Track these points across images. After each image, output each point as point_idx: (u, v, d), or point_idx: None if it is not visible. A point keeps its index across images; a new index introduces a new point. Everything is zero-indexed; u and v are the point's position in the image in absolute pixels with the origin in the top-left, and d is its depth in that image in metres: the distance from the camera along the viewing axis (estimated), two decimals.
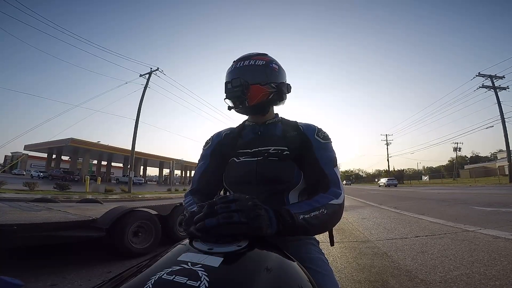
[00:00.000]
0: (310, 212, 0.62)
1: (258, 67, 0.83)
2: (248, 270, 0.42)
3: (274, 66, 0.86)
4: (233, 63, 0.87)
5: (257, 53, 0.89)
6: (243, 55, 0.89)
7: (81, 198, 7.68)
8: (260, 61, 0.84)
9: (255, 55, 0.87)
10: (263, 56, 0.88)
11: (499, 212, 5.22)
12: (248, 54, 0.89)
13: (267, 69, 0.84)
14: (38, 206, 3.79)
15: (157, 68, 19.32)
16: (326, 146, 0.82)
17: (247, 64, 0.83)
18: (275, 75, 0.86)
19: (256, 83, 0.82)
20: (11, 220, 2.25)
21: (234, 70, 0.84)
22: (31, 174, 35.09)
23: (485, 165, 49.85)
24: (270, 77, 0.85)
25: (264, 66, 0.84)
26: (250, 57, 0.86)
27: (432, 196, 10.80)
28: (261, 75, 0.83)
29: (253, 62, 0.84)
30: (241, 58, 0.87)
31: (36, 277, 2.19)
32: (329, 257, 2.42)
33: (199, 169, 0.89)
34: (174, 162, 23.83)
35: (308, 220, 0.60)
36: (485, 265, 2.26)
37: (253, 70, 0.83)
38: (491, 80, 22.63)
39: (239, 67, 0.84)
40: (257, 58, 0.85)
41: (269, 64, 0.85)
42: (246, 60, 0.84)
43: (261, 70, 0.83)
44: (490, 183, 22.12)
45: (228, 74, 0.86)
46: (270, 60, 0.87)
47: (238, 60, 0.86)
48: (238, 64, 0.84)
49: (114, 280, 0.44)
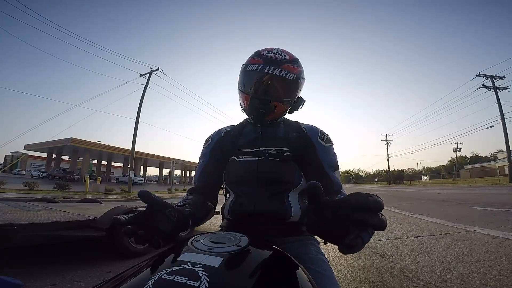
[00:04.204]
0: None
1: (288, 81, 0.76)
2: (248, 270, 0.42)
3: (301, 82, 0.81)
4: (261, 60, 0.77)
5: (289, 60, 0.78)
6: (273, 52, 0.78)
7: (81, 198, 7.67)
8: (292, 74, 0.76)
9: (287, 62, 0.77)
10: (295, 64, 0.79)
11: (499, 212, 5.21)
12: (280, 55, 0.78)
13: (294, 85, 0.79)
14: (38, 205, 3.78)
15: (157, 68, 19.29)
16: (329, 149, 0.82)
17: (277, 75, 0.75)
18: (298, 91, 0.82)
19: (279, 101, 0.78)
20: (11, 220, 2.25)
21: (262, 76, 0.76)
22: (31, 174, 35.11)
23: (485, 165, 49.83)
24: (293, 94, 0.81)
25: (294, 82, 0.77)
26: (282, 63, 0.77)
27: (432, 196, 10.79)
28: (287, 92, 0.79)
29: (285, 74, 0.75)
30: (271, 59, 0.76)
31: (36, 277, 2.18)
32: (329, 257, 2.42)
33: (199, 168, 0.88)
34: (174, 162, 23.79)
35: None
36: (485, 265, 2.26)
37: (282, 84, 0.77)
38: (491, 80, 22.60)
39: (269, 75, 0.76)
40: (290, 68, 0.76)
41: (298, 80, 0.79)
42: (277, 67, 0.75)
43: (289, 85, 0.78)
44: (490, 183, 22.10)
45: (252, 74, 0.78)
46: (300, 72, 0.80)
47: (268, 61, 0.76)
48: (269, 69, 0.75)
49: (114, 280, 0.44)
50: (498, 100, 22.20)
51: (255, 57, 0.80)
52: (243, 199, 0.79)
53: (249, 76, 0.80)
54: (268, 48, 0.81)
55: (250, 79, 0.80)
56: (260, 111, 0.77)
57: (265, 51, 0.80)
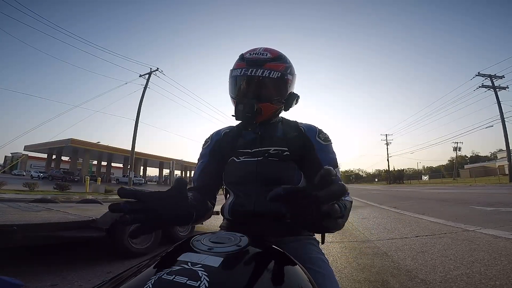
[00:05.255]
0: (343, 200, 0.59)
1: (272, 80, 0.75)
2: (248, 270, 0.42)
3: (289, 78, 0.79)
4: (244, 63, 0.77)
5: (272, 58, 0.77)
6: (255, 52, 0.78)
7: (81, 198, 7.68)
8: (276, 72, 0.74)
9: (269, 60, 0.76)
10: (279, 61, 0.77)
11: (499, 212, 5.22)
12: (262, 55, 0.76)
13: (281, 83, 0.77)
14: (38, 206, 3.79)
15: (157, 69, 19.35)
16: (327, 147, 0.81)
17: (260, 75, 0.74)
18: (287, 87, 0.80)
19: (267, 101, 0.77)
20: (11, 221, 2.25)
21: (246, 80, 0.77)
22: (31, 175, 35.04)
23: (485, 164, 49.94)
24: (283, 91, 0.79)
25: (279, 79, 0.76)
26: (265, 62, 0.75)
27: (432, 196, 10.80)
28: (275, 90, 0.77)
29: (268, 74, 0.74)
30: (253, 60, 0.76)
31: (36, 277, 2.18)
32: (329, 257, 2.43)
33: (198, 168, 0.88)
34: (174, 162, 23.76)
35: (346, 205, 0.59)
36: (486, 265, 2.26)
37: (266, 85, 0.76)
38: (490, 80, 22.63)
39: (252, 78, 0.75)
40: (273, 66, 0.75)
41: (284, 76, 0.77)
42: (260, 68, 0.74)
43: (275, 84, 0.77)
44: (490, 183, 22.11)
45: (237, 79, 0.78)
46: (286, 68, 0.78)
47: (250, 63, 0.76)
48: (251, 72, 0.74)
49: (114, 280, 0.44)
50: (498, 99, 22.24)
51: (240, 61, 0.79)
52: (243, 199, 0.79)
53: (235, 81, 0.80)
54: (251, 50, 0.80)
55: (236, 84, 0.80)
56: (246, 115, 0.76)
57: (247, 53, 0.79)
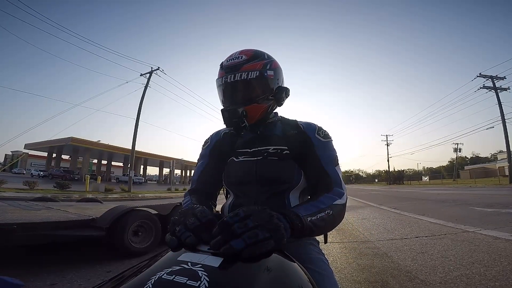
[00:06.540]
0: (317, 214, 0.60)
1: (252, 81, 0.74)
2: (248, 270, 0.42)
3: (270, 74, 0.77)
4: (223, 71, 0.77)
5: (247, 59, 0.76)
6: (231, 58, 0.78)
7: (81, 197, 7.68)
8: (253, 71, 0.74)
9: (245, 62, 0.75)
10: (255, 60, 0.76)
11: (499, 213, 5.21)
12: (237, 59, 0.76)
13: (262, 81, 0.76)
14: (38, 205, 3.79)
15: (158, 68, 19.32)
16: (327, 144, 0.80)
17: (239, 79, 0.73)
18: (271, 83, 0.78)
19: (253, 102, 0.76)
20: (11, 219, 2.25)
21: (226, 87, 0.77)
22: (31, 173, 35.12)
23: (485, 166, 49.87)
24: (267, 88, 0.77)
25: (259, 78, 0.75)
26: (241, 65, 0.75)
27: (432, 197, 10.79)
28: (257, 90, 0.76)
29: (246, 76, 0.73)
30: (230, 67, 0.75)
31: (36, 276, 2.18)
32: (329, 258, 2.42)
33: (198, 168, 0.89)
34: (174, 161, 23.84)
35: (315, 223, 0.58)
36: (485, 266, 2.26)
37: (247, 87, 0.76)
38: (492, 81, 22.59)
39: (231, 83, 0.75)
40: (250, 67, 0.74)
41: (264, 73, 0.76)
42: (237, 72, 0.74)
43: (255, 83, 0.76)
44: (490, 184, 22.08)
45: (219, 89, 0.79)
46: (264, 65, 0.77)
47: (227, 70, 0.75)
48: (230, 78, 0.74)
49: (114, 280, 0.44)
50: (499, 100, 22.21)
51: (220, 70, 0.79)
52: (243, 199, 0.79)
53: (219, 90, 0.80)
54: (228, 56, 0.80)
55: (220, 94, 0.80)
56: (233, 121, 0.76)
57: (225, 60, 0.79)
